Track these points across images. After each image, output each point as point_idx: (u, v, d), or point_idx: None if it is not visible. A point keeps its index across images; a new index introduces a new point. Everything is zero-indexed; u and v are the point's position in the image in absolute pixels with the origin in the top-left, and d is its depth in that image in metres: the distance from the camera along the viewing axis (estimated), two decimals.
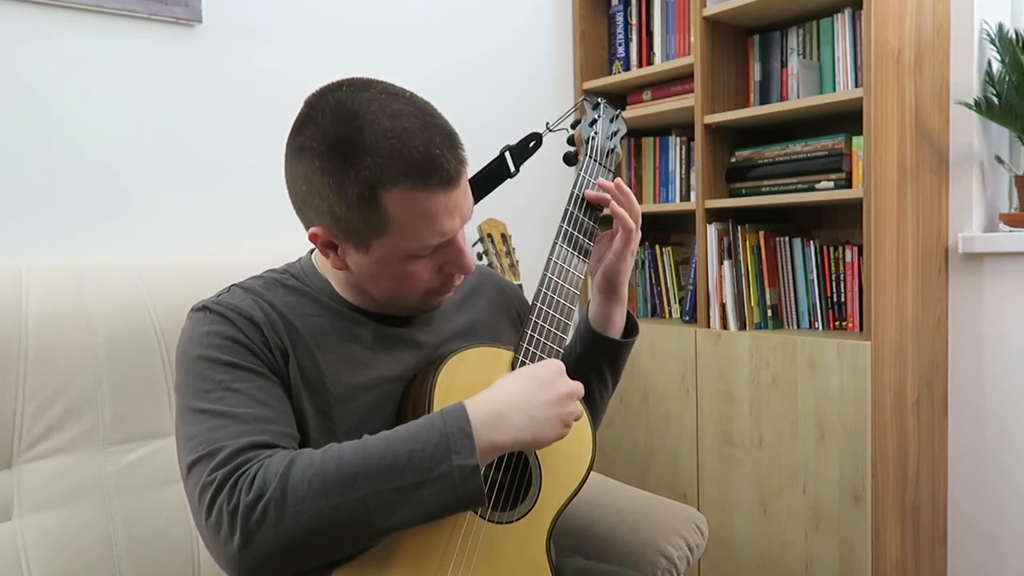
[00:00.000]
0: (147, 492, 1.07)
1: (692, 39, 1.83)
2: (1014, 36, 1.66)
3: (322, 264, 0.92)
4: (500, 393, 0.77)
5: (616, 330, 1.02)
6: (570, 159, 1.05)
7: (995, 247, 1.68)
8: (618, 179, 0.99)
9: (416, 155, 0.76)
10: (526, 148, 1.04)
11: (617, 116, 1.07)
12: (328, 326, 0.87)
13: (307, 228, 0.83)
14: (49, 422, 1.03)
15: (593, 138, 1.01)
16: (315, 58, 1.60)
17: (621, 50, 2.11)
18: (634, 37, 2.08)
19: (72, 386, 1.05)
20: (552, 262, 0.93)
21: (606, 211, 0.97)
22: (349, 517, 0.68)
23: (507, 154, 1.03)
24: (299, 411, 0.82)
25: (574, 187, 0.97)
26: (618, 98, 2.17)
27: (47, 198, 1.28)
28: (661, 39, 2.01)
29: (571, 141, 1.05)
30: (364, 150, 0.75)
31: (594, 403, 1.04)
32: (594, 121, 1.03)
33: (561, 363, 0.83)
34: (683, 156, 2.00)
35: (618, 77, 2.04)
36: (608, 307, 1.01)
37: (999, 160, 1.73)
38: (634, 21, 2.08)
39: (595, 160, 1.00)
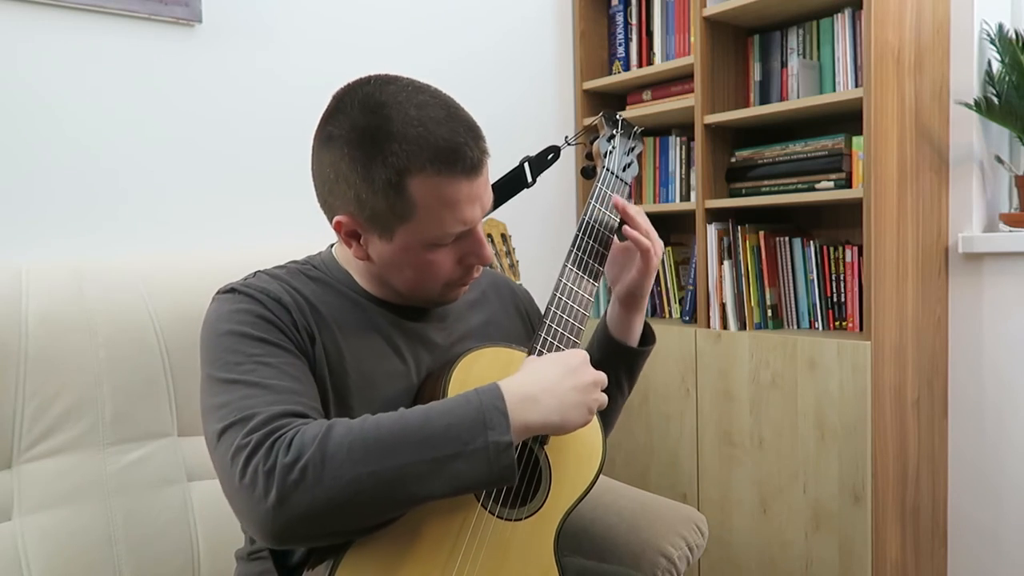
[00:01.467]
0: (147, 492, 1.07)
1: (692, 39, 1.83)
2: (1014, 36, 1.66)
3: (343, 256, 0.93)
4: (531, 377, 0.79)
5: (635, 338, 1.03)
6: (588, 173, 1.06)
7: (995, 247, 1.68)
8: (615, 199, 0.98)
9: (441, 142, 0.79)
10: (544, 160, 1.07)
11: (635, 133, 1.08)
12: (350, 315, 0.88)
13: (331, 218, 0.85)
14: (49, 422, 1.03)
15: (611, 152, 1.03)
16: (315, 58, 1.60)
17: (621, 50, 2.11)
18: (634, 37, 2.08)
19: (72, 386, 1.05)
20: (568, 268, 0.94)
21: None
22: (387, 484, 0.69)
23: (526, 165, 1.05)
24: (321, 393, 0.83)
25: (590, 199, 0.98)
26: (618, 98, 2.17)
27: (48, 199, 1.28)
28: (661, 39, 2.01)
29: (589, 155, 1.07)
30: (392, 137, 0.78)
31: (609, 410, 1.04)
32: (612, 136, 1.04)
33: (586, 352, 0.85)
34: (683, 156, 2.00)
35: (618, 77, 2.04)
36: (629, 317, 1.02)
37: (999, 160, 1.73)
38: (634, 21, 2.08)
39: (613, 174, 1.01)
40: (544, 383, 0.79)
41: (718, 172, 1.85)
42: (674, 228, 2.20)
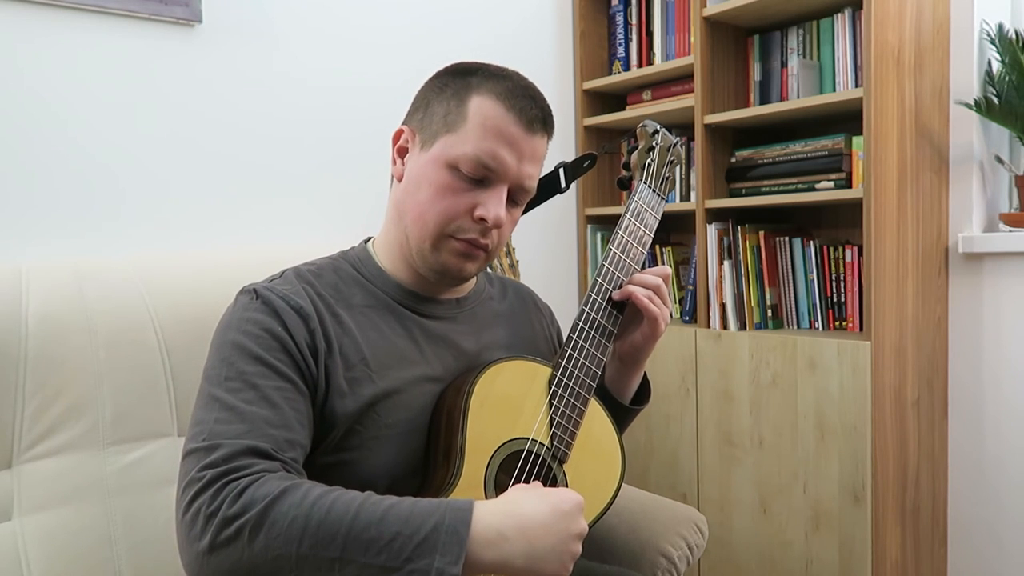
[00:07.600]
0: (147, 492, 1.07)
1: (692, 39, 1.83)
2: (1014, 36, 1.66)
3: (378, 249, 0.94)
4: (512, 509, 0.72)
5: (629, 395, 1.03)
6: (624, 183, 1.05)
7: (995, 247, 1.68)
8: (656, 279, 0.96)
9: (515, 88, 0.88)
10: (580, 167, 1.06)
11: (675, 145, 1.06)
12: (377, 318, 0.88)
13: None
14: (49, 422, 1.03)
15: (649, 165, 1.02)
16: (315, 58, 1.60)
17: (621, 50, 2.11)
18: (634, 37, 2.08)
19: (72, 386, 1.04)
20: (597, 282, 0.94)
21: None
22: (313, 571, 0.66)
23: (561, 171, 1.04)
24: (341, 406, 0.81)
25: (626, 212, 0.98)
26: (618, 98, 2.17)
27: (48, 199, 1.28)
28: (661, 39, 2.01)
29: (627, 166, 1.05)
30: (474, 73, 0.89)
31: None
32: (651, 148, 1.03)
33: (581, 499, 0.77)
34: (683, 156, 2.00)
35: (618, 77, 2.04)
36: (627, 374, 1.01)
37: (999, 160, 1.73)
38: (634, 21, 2.08)
39: (649, 187, 1.01)
40: (524, 521, 0.71)
41: (718, 172, 1.85)
42: (674, 228, 2.20)
